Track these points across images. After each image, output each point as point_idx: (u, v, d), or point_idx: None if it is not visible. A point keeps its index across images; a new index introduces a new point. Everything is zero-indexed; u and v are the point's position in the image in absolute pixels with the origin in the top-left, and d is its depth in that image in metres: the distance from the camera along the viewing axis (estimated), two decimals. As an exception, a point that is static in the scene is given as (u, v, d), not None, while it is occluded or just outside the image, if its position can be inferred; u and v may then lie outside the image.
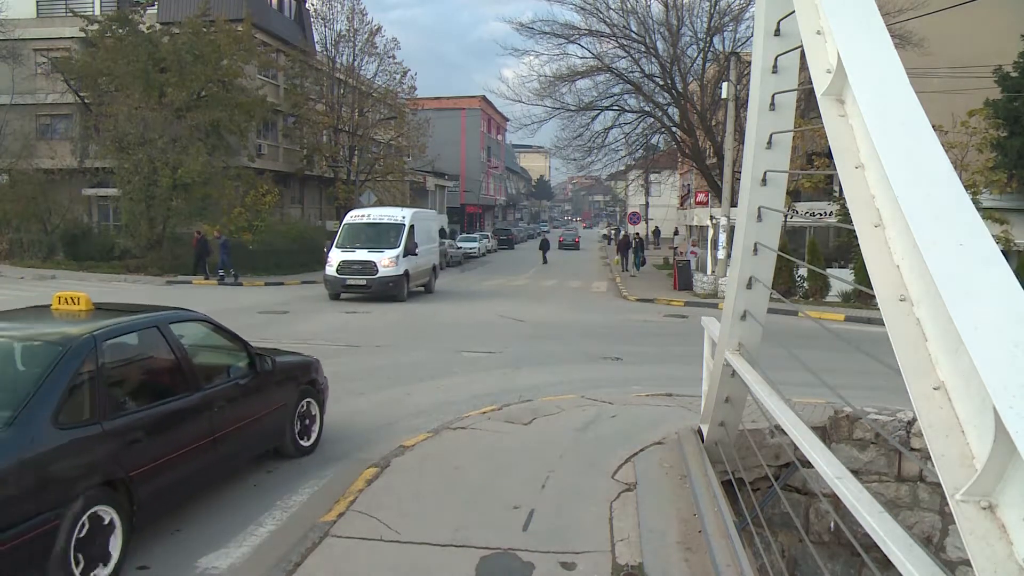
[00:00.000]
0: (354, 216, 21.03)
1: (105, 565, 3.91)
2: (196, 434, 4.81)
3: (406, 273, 19.28)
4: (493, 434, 6.42)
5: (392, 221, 20.25)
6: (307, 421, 6.39)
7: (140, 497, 4.15)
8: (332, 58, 34.23)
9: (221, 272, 22.96)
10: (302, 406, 6.31)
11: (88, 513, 3.81)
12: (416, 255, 19.87)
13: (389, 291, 18.79)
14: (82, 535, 3.76)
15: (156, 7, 28.87)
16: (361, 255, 18.97)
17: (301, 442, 6.29)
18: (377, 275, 18.61)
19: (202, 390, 4.95)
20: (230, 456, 5.34)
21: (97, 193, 28.55)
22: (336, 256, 19.20)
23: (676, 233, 55.67)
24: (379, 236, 19.79)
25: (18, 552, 3.44)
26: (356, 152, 35.37)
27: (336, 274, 18.85)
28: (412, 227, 19.95)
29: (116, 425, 4.14)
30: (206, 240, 23.57)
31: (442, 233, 43.87)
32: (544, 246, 41.08)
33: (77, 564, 3.72)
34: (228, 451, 5.25)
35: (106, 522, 3.93)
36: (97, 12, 28.61)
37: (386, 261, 18.84)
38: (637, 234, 38.28)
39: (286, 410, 6.06)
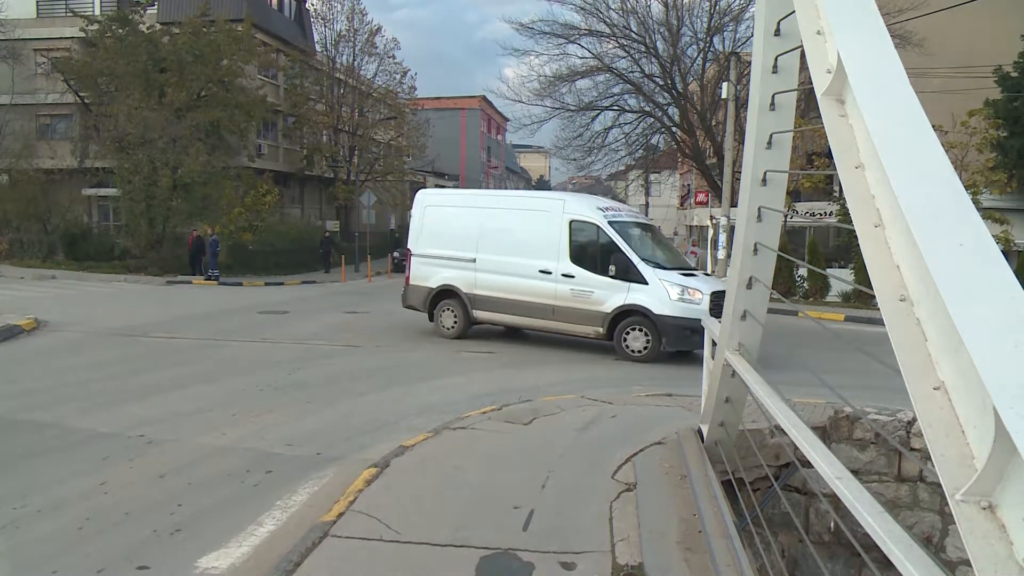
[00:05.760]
0: (611, 211, 12.23)
1: None
2: None
3: None
4: (493, 434, 6.42)
5: (649, 221, 14.30)
6: None
7: None
8: (332, 58, 34.28)
9: (212, 272, 22.98)
10: None
11: None
12: None
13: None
14: None
15: (156, 7, 28.88)
16: (710, 284, 11.67)
17: None
18: None
19: None
20: None
21: (97, 193, 28.58)
22: (697, 286, 11.13)
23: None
24: (666, 248, 13.39)
25: None
26: (356, 152, 35.41)
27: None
28: None
29: None
30: (202, 240, 23.58)
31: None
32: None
33: None
34: None
35: None
36: (97, 12, 28.62)
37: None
38: None
39: None
